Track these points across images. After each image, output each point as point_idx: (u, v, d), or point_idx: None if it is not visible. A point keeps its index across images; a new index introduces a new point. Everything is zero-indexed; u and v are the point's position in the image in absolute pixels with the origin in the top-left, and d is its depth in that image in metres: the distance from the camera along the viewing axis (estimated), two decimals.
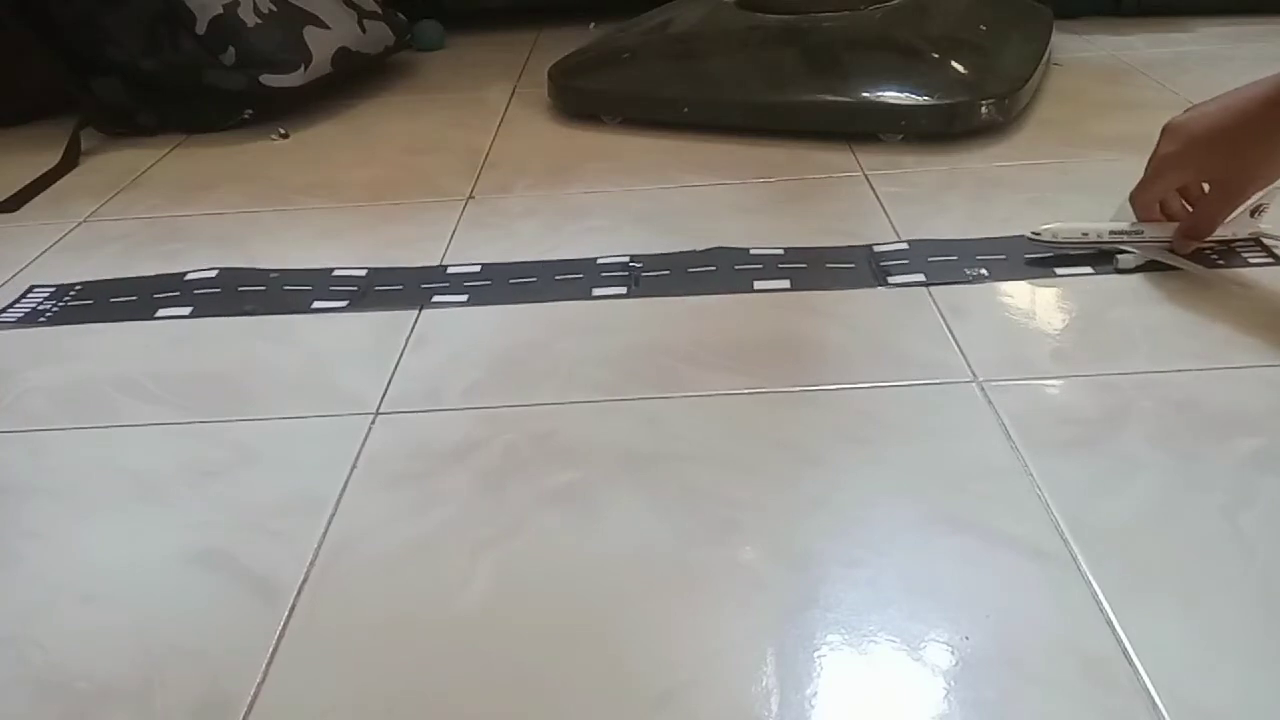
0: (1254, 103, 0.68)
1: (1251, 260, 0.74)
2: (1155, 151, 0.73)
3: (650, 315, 0.72)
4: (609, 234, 0.85)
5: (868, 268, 0.76)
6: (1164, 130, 0.73)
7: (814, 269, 0.76)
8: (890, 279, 0.74)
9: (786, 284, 0.74)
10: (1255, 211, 0.74)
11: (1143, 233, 0.74)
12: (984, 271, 0.74)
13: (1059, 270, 0.74)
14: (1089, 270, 0.73)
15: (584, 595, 0.48)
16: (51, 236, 0.93)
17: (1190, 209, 0.75)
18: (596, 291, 0.75)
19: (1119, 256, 0.74)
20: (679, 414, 0.61)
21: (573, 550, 0.51)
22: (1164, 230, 0.74)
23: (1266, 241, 0.75)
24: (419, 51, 1.46)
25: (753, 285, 0.75)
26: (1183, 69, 1.16)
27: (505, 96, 1.26)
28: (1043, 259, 0.75)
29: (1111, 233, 0.75)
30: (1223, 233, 0.74)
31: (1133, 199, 0.76)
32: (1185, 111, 0.72)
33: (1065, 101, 1.08)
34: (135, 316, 0.77)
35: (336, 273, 0.81)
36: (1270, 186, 0.71)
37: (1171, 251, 0.73)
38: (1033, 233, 0.75)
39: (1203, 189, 0.74)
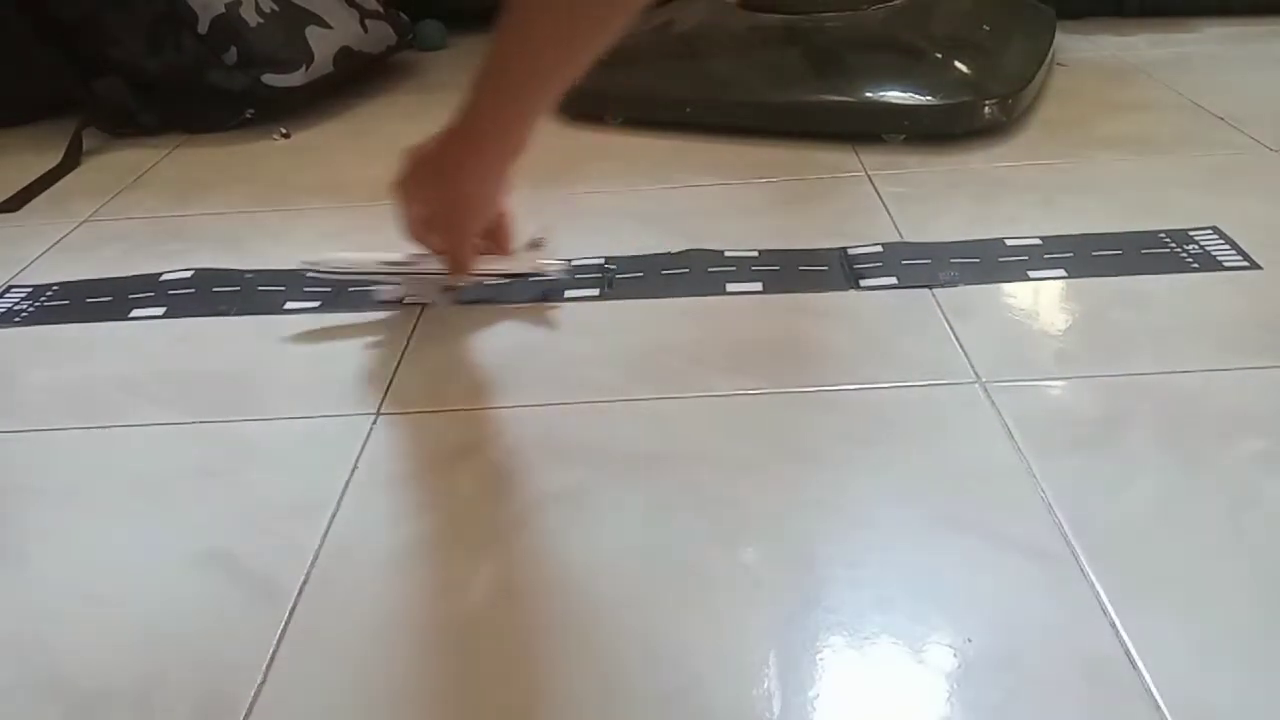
0: (444, 135, 0.65)
1: (522, 298, 0.74)
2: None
3: (648, 316, 0.72)
4: (611, 234, 0.85)
5: (840, 271, 0.75)
6: (404, 155, 0.68)
7: (787, 272, 0.76)
8: (863, 282, 0.74)
9: (758, 286, 0.74)
10: (533, 246, 0.74)
11: (416, 264, 0.72)
12: (956, 275, 0.73)
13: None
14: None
15: (584, 595, 0.48)
16: (53, 236, 0.93)
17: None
18: (569, 293, 0.75)
19: (378, 289, 0.73)
20: (680, 414, 0.61)
21: (573, 550, 0.51)
22: (438, 263, 0.71)
23: (544, 277, 0.74)
24: (421, 51, 1.46)
25: (724, 288, 0.74)
26: (1186, 69, 1.15)
27: None
28: (321, 290, 0.74)
29: (385, 264, 0.72)
30: (507, 266, 0.73)
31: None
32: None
33: (1068, 102, 1.08)
34: (110, 317, 0.77)
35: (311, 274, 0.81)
36: (544, 222, 0.69)
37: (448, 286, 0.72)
38: (305, 263, 0.74)
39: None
